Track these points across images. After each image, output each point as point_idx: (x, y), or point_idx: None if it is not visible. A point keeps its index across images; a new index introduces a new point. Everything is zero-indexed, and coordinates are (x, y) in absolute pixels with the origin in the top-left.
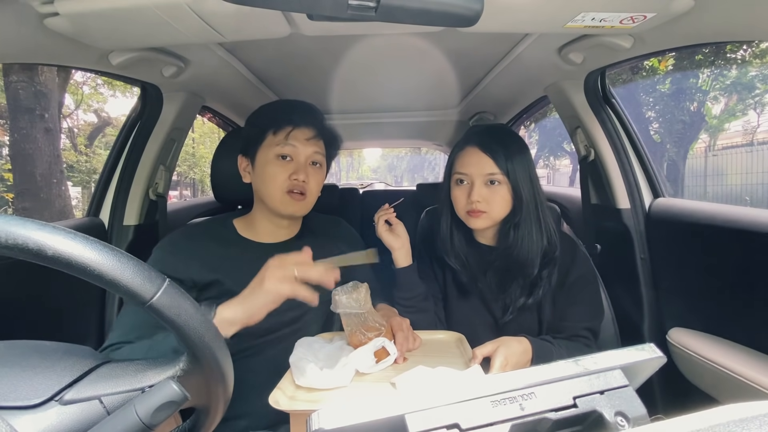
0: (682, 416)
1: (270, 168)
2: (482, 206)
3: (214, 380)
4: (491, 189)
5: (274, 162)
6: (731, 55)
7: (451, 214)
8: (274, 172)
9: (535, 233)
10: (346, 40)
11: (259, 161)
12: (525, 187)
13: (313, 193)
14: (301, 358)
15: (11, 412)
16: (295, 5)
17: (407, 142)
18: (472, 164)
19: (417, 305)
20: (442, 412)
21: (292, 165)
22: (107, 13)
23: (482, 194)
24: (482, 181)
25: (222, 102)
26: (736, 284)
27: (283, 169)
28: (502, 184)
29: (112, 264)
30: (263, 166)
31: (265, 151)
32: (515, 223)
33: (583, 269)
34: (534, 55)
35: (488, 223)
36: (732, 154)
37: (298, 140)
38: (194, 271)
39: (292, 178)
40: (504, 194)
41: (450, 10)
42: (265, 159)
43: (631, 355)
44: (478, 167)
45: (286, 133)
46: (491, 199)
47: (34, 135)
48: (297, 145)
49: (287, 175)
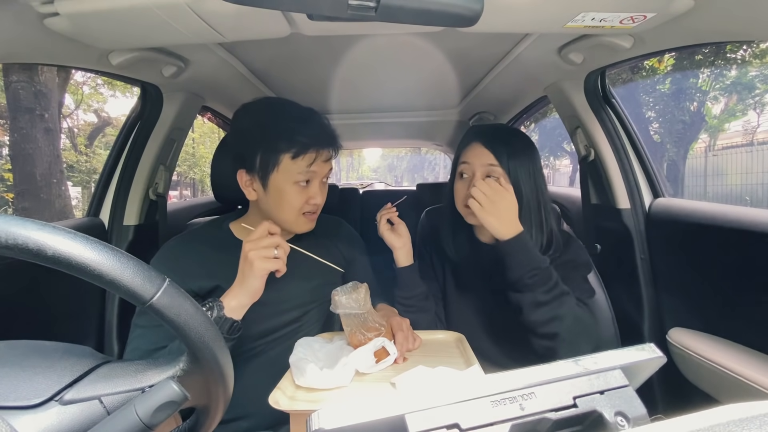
0: (682, 416)
1: (288, 195)
2: None
3: (214, 380)
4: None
5: (292, 188)
6: (731, 55)
7: (454, 212)
8: (292, 198)
9: (535, 232)
10: (346, 40)
11: (273, 185)
12: (527, 185)
13: (322, 205)
14: (301, 358)
15: (11, 412)
16: (295, 5)
17: (407, 142)
18: (474, 156)
19: (417, 304)
20: (442, 412)
21: (310, 189)
22: (107, 13)
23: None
24: (482, 172)
25: (222, 102)
26: (736, 284)
27: (302, 195)
28: (501, 180)
29: (112, 264)
30: (278, 191)
31: (282, 176)
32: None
33: (573, 255)
34: (534, 55)
35: None
36: (732, 154)
37: (319, 165)
38: (194, 284)
39: (310, 202)
40: None
41: (450, 10)
42: (281, 184)
43: (631, 355)
44: (479, 159)
45: (309, 162)
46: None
47: (34, 135)
48: (317, 170)
49: (305, 199)
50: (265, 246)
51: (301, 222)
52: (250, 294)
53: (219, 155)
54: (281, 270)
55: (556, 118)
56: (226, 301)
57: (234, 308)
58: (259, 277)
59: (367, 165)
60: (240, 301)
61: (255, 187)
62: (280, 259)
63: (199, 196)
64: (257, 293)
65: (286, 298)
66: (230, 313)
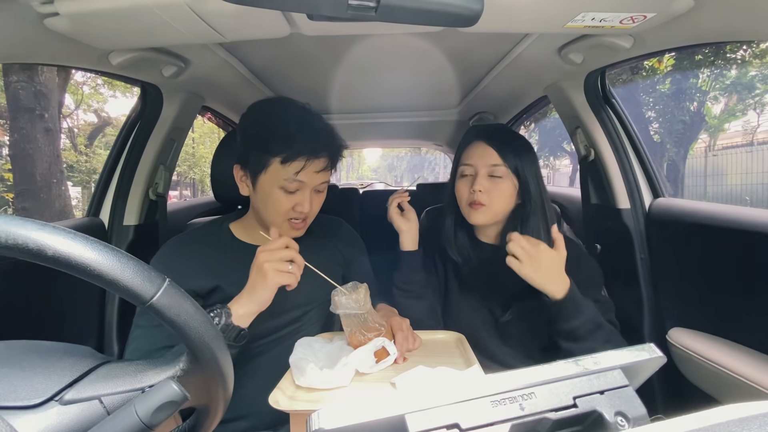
0: (682, 416)
1: (273, 198)
2: (483, 198)
3: (214, 380)
4: (493, 182)
5: (278, 192)
6: (731, 55)
7: (455, 212)
8: (276, 202)
9: (543, 230)
10: (346, 40)
11: (260, 186)
12: (533, 184)
13: (313, 215)
14: (301, 358)
15: (11, 412)
16: (295, 5)
17: (407, 142)
18: (477, 155)
19: (415, 290)
20: (442, 412)
21: (298, 196)
22: (107, 13)
23: (484, 185)
24: (485, 172)
25: (222, 102)
26: (736, 284)
27: (287, 200)
28: (504, 179)
29: (112, 264)
30: (265, 192)
31: (269, 178)
32: (524, 217)
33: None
34: (534, 55)
35: (488, 217)
36: (732, 154)
37: (308, 174)
38: (194, 284)
39: (296, 209)
40: (506, 189)
41: (450, 10)
42: (268, 186)
43: (631, 355)
44: (483, 158)
45: (297, 169)
46: (492, 191)
47: (34, 135)
48: (306, 180)
49: (291, 206)
50: (280, 258)
51: (285, 227)
52: (259, 304)
53: (219, 155)
54: (292, 285)
55: (556, 118)
56: (234, 309)
57: (241, 316)
58: (270, 289)
59: (367, 165)
60: (248, 310)
61: (247, 183)
62: (293, 275)
63: (199, 196)
64: (266, 304)
65: (286, 299)
66: (237, 320)
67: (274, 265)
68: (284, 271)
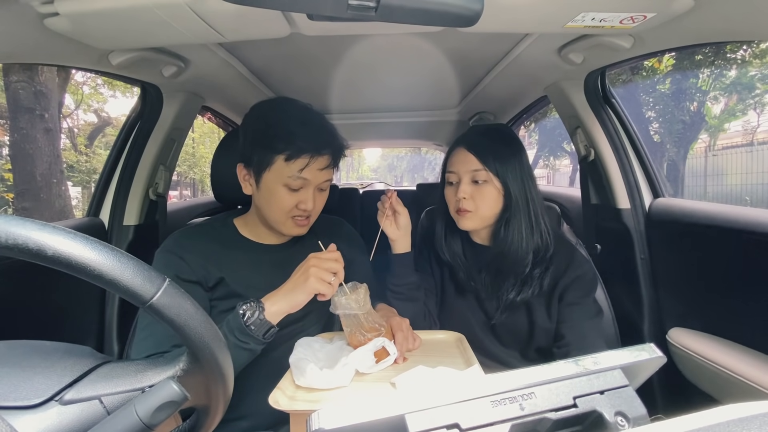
0: (682, 416)
1: (277, 195)
2: (468, 204)
3: (214, 380)
4: (477, 188)
5: (281, 190)
6: (731, 55)
7: (446, 215)
8: (280, 199)
9: (525, 230)
10: (346, 40)
11: (264, 183)
12: (515, 184)
13: (316, 213)
14: (301, 358)
15: (11, 412)
16: (295, 5)
17: (407, 142)
18: (459, 162)
19: (407, 293)
20: (442, 412)
21: (301, 194)
22: (107, 13)
23: (467, 191)
24: (468, 178)
25: (222, 102)
26: (736, 284)
27: (291, 197)
28: (488, 183)
29: (112, 264)
30: (269, 190)
31: (273, 176)
32: (506, 220)
33: (580, 271)
34: (534, 55)
35: (476, 223)
36: (732, 154)
37: (312, 172)
38: (202, 272)
39: (299, 207)
40: (490, 193)
41: (450, 10)
42: (272, 184)
43: (631, 355)
44: (465, 165)
45: (301, 167)
46: (477, 197)
47: (34, 135)
48: (310, 177)
49: (294, 203)
50: (328, 268)
51: (289, 225)
52: (292, 305)
53: (219, 155)
54: (327, 296)
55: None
56: (268, 305)
57: (273, 313)
58: (308, 293)
59: (367, 165)
60: (280, 308)
61: (251, 182)
62: (332, 286)
63: (199, 196)
64: (298, 306)
65: None
66: (269, 317)
67: (320, 272)
68: (326, 280)
